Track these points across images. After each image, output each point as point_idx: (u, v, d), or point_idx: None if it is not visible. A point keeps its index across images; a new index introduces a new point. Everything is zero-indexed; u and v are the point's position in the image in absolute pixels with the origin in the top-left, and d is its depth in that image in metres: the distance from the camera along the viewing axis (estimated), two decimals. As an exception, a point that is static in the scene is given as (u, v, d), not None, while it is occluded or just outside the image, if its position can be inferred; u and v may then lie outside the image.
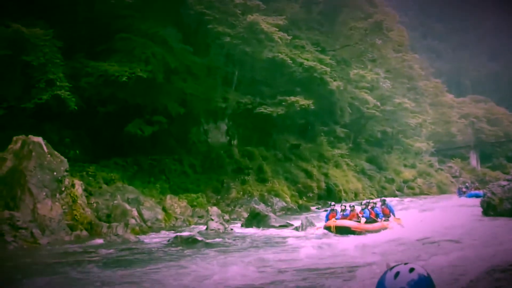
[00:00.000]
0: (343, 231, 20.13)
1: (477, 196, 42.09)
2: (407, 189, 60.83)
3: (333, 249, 16.06)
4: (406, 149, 69.97)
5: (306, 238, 19.61)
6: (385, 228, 21.27)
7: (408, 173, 64.24)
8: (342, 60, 49.72)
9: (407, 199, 48.03)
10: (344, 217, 21.79)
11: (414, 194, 58.15)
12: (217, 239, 19.42)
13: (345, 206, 22.70)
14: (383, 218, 22.31)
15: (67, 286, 10.86)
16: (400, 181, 61.46)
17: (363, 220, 21.42)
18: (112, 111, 29.44)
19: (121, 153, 30.62)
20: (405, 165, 66.51)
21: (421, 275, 2.49)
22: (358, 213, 21.87)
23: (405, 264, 2.58)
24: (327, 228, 20.89)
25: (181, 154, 34.32)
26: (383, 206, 23.60)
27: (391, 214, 23.43)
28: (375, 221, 21.66)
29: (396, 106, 61.02)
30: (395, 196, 53.13)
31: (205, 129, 38.72)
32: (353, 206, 23.03)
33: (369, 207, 22.56)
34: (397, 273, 2.51)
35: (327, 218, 22.06)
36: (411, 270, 2.51)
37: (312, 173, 43.32)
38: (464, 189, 49.20)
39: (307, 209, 35.96)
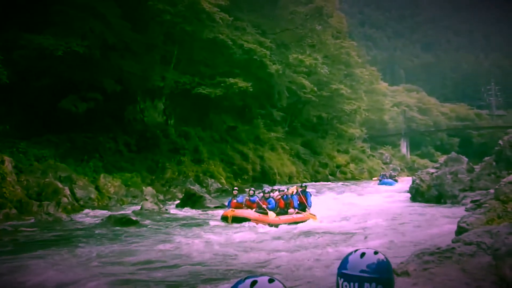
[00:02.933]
0: (240, 222, 17.56)
1: (387, 184, 43.87)
2: (339, 174, 61.93)
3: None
4: (340, 134, 71.14)
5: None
6: (296, 223, 18.18)
7: (341, 158, 65.38)
8: (282, 44, 49.94)
9: (339, 183, 49.03)
10: (239, 203, 18.97)
11: (346, 179, 59.32)
12: (150, 220, 19.30)
13: (262, 192, 19.77)
14: (296, 210, 19.23)
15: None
16: (333, 165, 62.49)
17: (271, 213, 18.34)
18: (46, 85, 28.49)
19: (54, 129, 29.72)
20: (338, 150, 67.63)
21: (385, 258, 2.60)
22: (261, 202, 18.65)
23: (367, 248, 2.66)
24: (224, 218, 18.17)
25: (116, 132, 33.67)
26: (299, 195, 20.11)
27: (307, 206, 19.84)
28: (285, 212, 18.96)
29: (332, 92, 61.81)
30: (328, 180, 54.09)
31: (142, 108, 38.17)
32: (271, 191, 20.29)
33: (275, 195, 19.54)
34: (363, 254, 2.58)
35: (229, 206, 19.29)
36: (376, 252, 2.60)
37: (248, 155, 43.49)
38: (381, 178, 50.29)
39: (242, 191, 36.08)
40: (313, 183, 47.48)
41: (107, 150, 31.94)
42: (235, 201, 19.13)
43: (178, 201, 26.54)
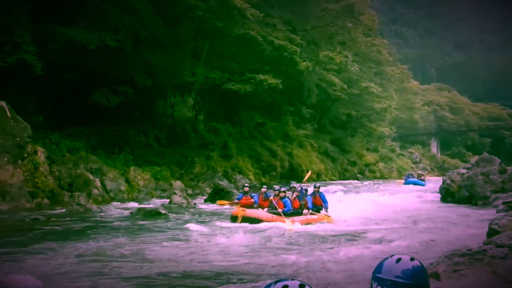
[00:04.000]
0: (251, 223, 15.86)
1: (414, 183, 43.22)
2: (368, 173, 61.57)
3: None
4: (369, 133, 70.71)
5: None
6: (310, 224, 16.85)
7: (370, 157, 64.99)
8: (312, 41, 49.72)
9: (368, 182, 48.69)
10: (250, 201, 17.54)
11: (375, 178, 58.93)
12: (180, 213, 19.40)
13: (281, 190, 17.64)
14: (310, 211, 17.66)
15: (28, 255, 10.69)
16: (362, 164, 62.16)
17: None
18: (78, 78, 28.90)
19: (86, 122, 30.13)
20: (367, 149, 67.24)
21: (420, 265, 2.61)
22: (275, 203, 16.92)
23: (403, 254, 2.67)
24: (233, 218, 16.51)
25: (146, 126, 34.02)
26: (315, 195, 18.77)
27: (323, 207, 18.53)
28: (299, 213, 17.32)
29: (362, 90, 61.50)
30: (356, 179, 53.79)
31: (172, 102, 38.42)
32: (290, 188, 18.63)
33: (291, 195, 17.80)
34: (399, 259, 2.58)
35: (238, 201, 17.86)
36: (412, 258, 2.60)
37: (276, 152, 43.49)
38: (406, 178, 49.44)
39: (270, 188, 36.11)
40: (341, 181, 47.25)
41: (137, 144, 32.29)
42: (245, 198, 17.65)
43: (206, 196, 26.66)
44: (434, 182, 41.89)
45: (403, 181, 47.17)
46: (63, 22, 27.93)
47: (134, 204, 21.52)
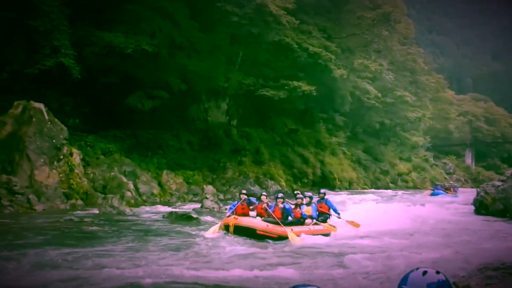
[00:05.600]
0: (243, 233, 14.30)
1: (441, 195, 42.72)
2: (401, 182, 61.02)
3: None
4: (402, 142, 70.04)
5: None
6: (313, 236, 15.00)
7: (403, 166, 64.41)
8: (347, 49, 49.59)
9: (400, 192, 48.19)
10: (246, 209, 15.54)
11: (407, 188, 58.35)
12: (211, 217, 19.45)
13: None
14: (314, 220, 15.76)
15: (61, 256, 10.85)
16: (395, 173, 61.64)
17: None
18: (113, 82, 29.31)
19: (120, 125, 30.57)
20: (400, 158, 66.64)
21: (445, 279, 2.63)
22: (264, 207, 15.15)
23: (428, 268, 2.70)
24: (225, 226, 14.79)
25: (179, 131, 34.32)
26: (320, 203, 17.11)
27: (331, 214, 17.10)
28: (301, 223, 15.51)
29: (396, 99, 61.06)
30: (389, 188, 53.34)
31: (205, 107, 38.65)
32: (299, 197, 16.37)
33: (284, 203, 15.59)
34: (425, 272, 2.62)
35: (231, 211, 15.66)
36: (438, 272, 2.64)
37: (309, 159, 43.40)
38: (434, 188, 48.73)
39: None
40: (373, 190, 46.88)
41: (170, 148, 32.59)
42: (241, 206, 15.48)
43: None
44: (467, 194, 41.26)
45: (430, 191, 46.62)
46: (101, 26, 28.41)
47: (166, 208, 21.68)
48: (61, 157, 21.75)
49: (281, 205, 15.26)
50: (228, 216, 15.14)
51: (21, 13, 24.09)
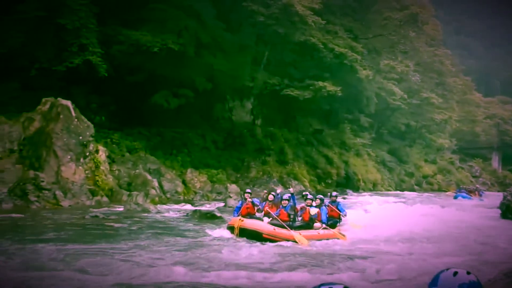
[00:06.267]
0: (249, 236, 13.75)
1: (463, 197, 42.15)
2: (426, 184, 60.47)
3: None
4: (428, 144, 69.39)
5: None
6: (325, 239, 14.41)
7: (428, 169, 63.82)
8: (374, 49, 49.24)
9: (425, 194, 47.75)
10: (251, 209, 14.98)
11: (432, 190, 57.78)
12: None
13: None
14: (323, 225, 15.02)
15: (89, 252, 10.99)
16: (420, 175, 61.11)
17: None
18: (139, 80, 29.57)
19: (145, 123, 30.85)
20: (425, 160, 66.02)
21: (477, 280, 2.61)
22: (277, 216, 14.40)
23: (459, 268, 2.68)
24: (230, 228, 14.43)
25: (204, 129, 34.47)
26: (330, 205, 16.60)
27: (340, 219, 16.60)
28: (309, 227, 14.86)
29: (422, 100, 60.55)
30: (413, 190, 52.90)
31: (230, 107, 38.74)
32: (309, 198, 15.87)
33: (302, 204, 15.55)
34: (456, 273, 2.59)
35: (237, 213, 15.10)
36: (468, 272, 2.61)
37: (333, 160, 43.26)
38: (457, 191, 48.17)
39: (324, 195, 35.94)
40: (398, 192, 46.55)
41: (195, 146, 32.74)
42: (246, 206, 15.04)
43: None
44: (494, 198, 40.73)
45: (453, 194, 46.16)
46: (128, 25, 28.67)
47: (190, 206, 21.80)
48: (87, 154, 22.00)
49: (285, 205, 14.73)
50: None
51: (50, 11, 24.41)
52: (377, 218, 18.88)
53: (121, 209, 19.31)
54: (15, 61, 24.79)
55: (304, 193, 18.05)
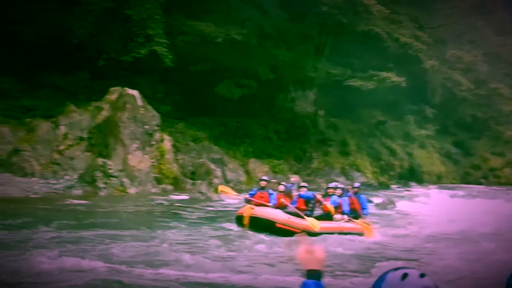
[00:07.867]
0: (260, 226, 12.52)
1: None
2: (493, 178, 58.69)
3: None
4: (496, 136, 67.22)
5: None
6: (344, 234, 13.14)
7: (495, 161, 61.83)
8: (439, 39, 48.10)
9: (493, 188, 46.36)
10: (263, 197, 13.47)
11: (500, 184, 56.04)
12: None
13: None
14: (345, 217, 13.80)
15: (156, 239, 11.24)
16: (487, 168, 59.38)
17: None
18: (203, 70, 29.89)
19: (209, 112, 31.17)
20: (493, 153, 64.00)
21: (434, 285, 2.10)
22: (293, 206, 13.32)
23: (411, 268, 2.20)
24: (238, 219, 13.09)
25: (266, 119, 34.52)
26: (352, 197, 14.98)
27: (362, 212, 14.65)
28: (329, 218, 13.67)
29: (490, 91, 58.64)
30: (479, 183, 51.51)
31: (293, 97, 38.59)
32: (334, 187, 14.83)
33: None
34: (405, 275, 2.11)
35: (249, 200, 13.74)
36: (422, 275, 2.11)
37: (396, 151, 42.60)
38: None
39: (387, 187, 35.58)
40: (463, 185, 45.47)
41: (257, 136, 32.86)
42: (260, 194, 13.64)
43: (322, 192, 26.58)
44: None
45: None
46: (192, 16, 29.00)
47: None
48: (153, 142, 22.48)
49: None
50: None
51: (117, 2, 25.00)
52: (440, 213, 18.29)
53: (186, 197, 19.64)
54: (84, 51, 25.59)
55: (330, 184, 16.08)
